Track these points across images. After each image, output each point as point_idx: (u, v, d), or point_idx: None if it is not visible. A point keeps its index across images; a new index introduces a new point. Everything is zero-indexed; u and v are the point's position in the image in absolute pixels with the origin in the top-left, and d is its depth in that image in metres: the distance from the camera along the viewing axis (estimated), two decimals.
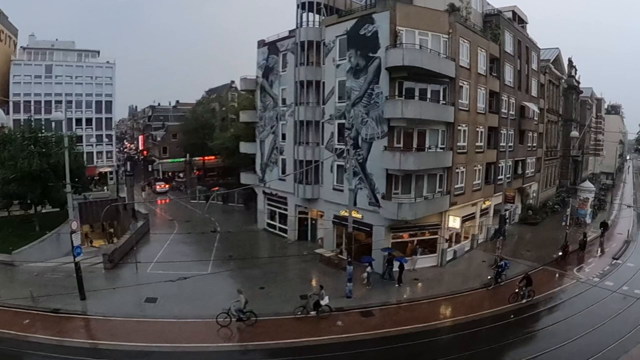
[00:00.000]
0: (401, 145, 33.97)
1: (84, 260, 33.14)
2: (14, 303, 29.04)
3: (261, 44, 48.41)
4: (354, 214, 33.20)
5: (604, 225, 47.16)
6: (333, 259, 36.82)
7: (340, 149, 36.80)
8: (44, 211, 50.82)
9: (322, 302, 27.04)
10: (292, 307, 27.93)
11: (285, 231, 46.73)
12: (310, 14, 41.33)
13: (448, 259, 37.50)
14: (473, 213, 40.99)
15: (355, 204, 34.32)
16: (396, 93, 33.50)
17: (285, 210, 46.52)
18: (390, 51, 32.26)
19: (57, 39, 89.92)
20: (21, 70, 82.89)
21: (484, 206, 42.75)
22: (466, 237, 41.20)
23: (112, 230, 53.22)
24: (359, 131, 36.06)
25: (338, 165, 38.58)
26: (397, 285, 32.38)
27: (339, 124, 38.52)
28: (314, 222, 44.42)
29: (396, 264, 33.13)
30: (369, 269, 32.88)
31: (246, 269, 35.10)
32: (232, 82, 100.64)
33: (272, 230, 49.14)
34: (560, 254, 38.17)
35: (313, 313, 27.30)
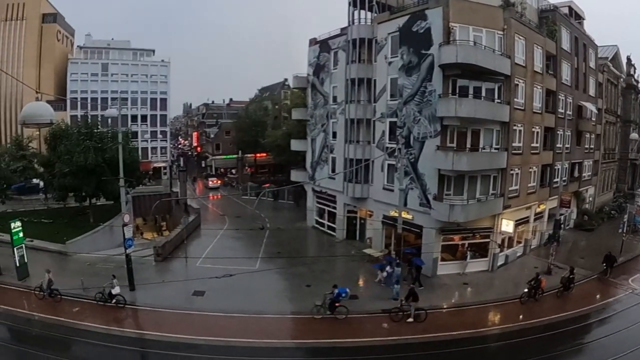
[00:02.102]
0: (454, 144, 33.01)
1: (135, 252, 34.11)
2: (65, 291, 30.05)
3: (313, 42, 48.37)
4: (404, 215, 32.64)
5: None
6: (381, 260, 36.19)
7: (392, 147, 36.19)
8: (98, 204, 52.77)
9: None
10: None
11: (333, 230, 46.40)
12: (362, 12, 40.92)
13: (499, 264, 36.16)
14: (527, 217, 39.36)
15: (405, 204, 33.72)
16: (450, 91, 32.52)
17: (334, 208, 46.19)
18: (443, 48, 31.46)
19: (112, 38, 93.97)
20: (78, 69, 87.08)
21: (538, 210, 40.96)
22: (519, 242, 39.51)
23: (164, 223, 54.55)
24: (411, 130, 35.29)
25: (389, 165, 37.98)
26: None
27: (390, 122, 37.85)
28: (362, 221, 43.78)
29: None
30: (388, 268, 32.10)
31: (293, 267, 34.96)
32: (285, 80, 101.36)
33: (320, 228, 48.93)
34: (604, 264, 34.97)
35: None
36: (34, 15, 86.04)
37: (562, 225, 44.94)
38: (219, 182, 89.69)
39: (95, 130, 50.80)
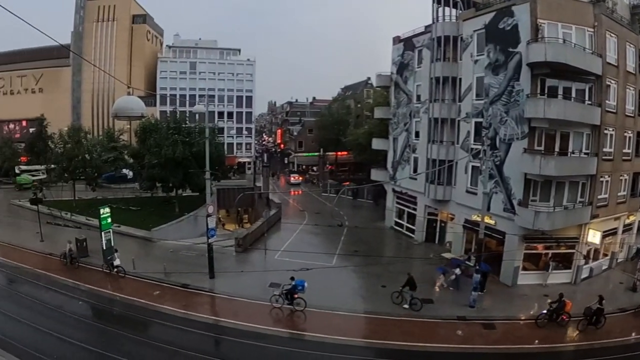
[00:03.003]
0: (542, 148, 31.11)
1: (217, 242, 35.46)
2: (148, 275, 32.41)
3: (396, 40, 47.79)
4: (487, 220, 31.40)
5: None
6: (447, 264, 34.79)
7: (477, 149, 35.12)
8: (183, 194, 55.53)
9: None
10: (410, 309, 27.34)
11: (412, 231, 45.53)
12: (447, 9, 39.90)
13: (583, 276, 33.65)
14: (615, 228, 36.38)
15: (488, 209, 32.18)
16: (538, 91, 30.83)
17: (414, 210, 45.30)
18: (531, 46, 29.99)
19: (200, 38, 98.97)
20: (167, 67, 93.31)
21: (627, 221, 37.72)
22: (605, 255, 36.57)
23: (246, 216, 56.12)
24: (497, 131, 33.87)
25: (473, 167, 36.71)
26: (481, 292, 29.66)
27: (475, 122, 36.58)
28: (443, 224, 42.64)
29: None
30: (457, 270, 31.23)
31: (370, 266, 34.60)
32: (368, 78, 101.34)
33: (399, 229, 48.20)
34: None
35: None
36: (124, 16, 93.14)
37: None
38: (300, 178, 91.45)
39: (184, 125, 53.37)
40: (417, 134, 44.28)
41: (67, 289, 31.25)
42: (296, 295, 27.36)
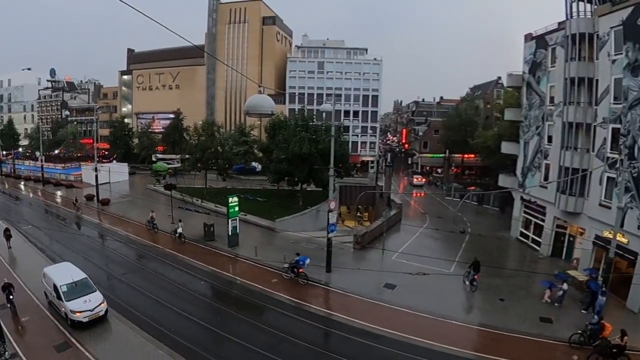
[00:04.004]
0: None
1: (336, 237, 36.30)
2: (268, 263, 34.48)
3: (528, 37, 45.14)
4: (619, 238, 27.90)
5: None
6: (584, 285, 31.22)
7: (613, 158, 31.89)
8: (307, 189, 58.14)
9: None
10: (529, 327, 25.50)
11: (538, 244, 42.40)
12: (581, 4, 36.66)
13: None
14: None
15: (622, 225, 28.53)
16: None
17: (542, 221, 42.21)
18: None
19: (327, 38, 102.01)
20: (296, 66, 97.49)
21: None
22: None
23: (366, 214, 56.70)
24: (635, 139, 30.22)
25: (608, 178, 33.19)
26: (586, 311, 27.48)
27: (613, 128, 33.14)
28: (571, 239, 39.06)
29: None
30: (564, 285, 28.83)
31: (489, 277, 32.76)
32: (499, 78, 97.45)
33: (524, 240, 45.20)
34: None
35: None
36: (255, 18, 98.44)
37: None
38: (424, 180, 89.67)
39: (310, 123, 55.40)
40: (549, 139, 41.27)
41: (191, 268, 34.27)
42: (300, 270, 31.23)
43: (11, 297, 25.39)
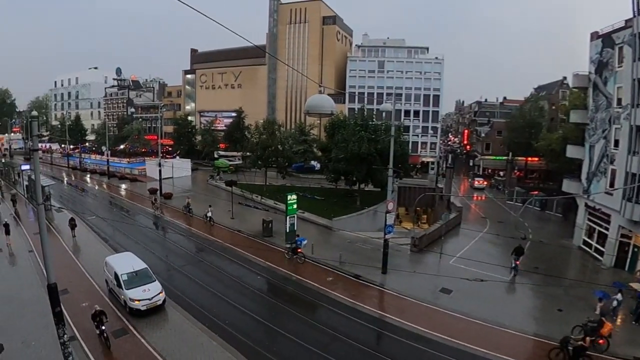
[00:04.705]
0: None
1: (393, 238, 36.25)
2: (324, 261, 34.86)
3: (594, 36, 43.12)
4: None
5: None
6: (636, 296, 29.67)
7: None
8: (365, 189, 58.49)
9: None
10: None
11: (601, 253, 40.47)
12: None
13: None
14: None
15: None
16: None
17: (606, 229, 40.23)
18: None
19: (388, 37, 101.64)
20: (356, 66, 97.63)
21: None
22: None
23: (425, 216, 56.35)
24: None
25: None
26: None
27: None
28: (636, 249, 37.16)
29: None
30: (619, 295, 27.39)
31: (549, 286, 32.07)
32: (564, 78, 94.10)
33: (587, 249, 43.30)
34: None
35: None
36: (315, 18, 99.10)
37: None
38: (485, 183, 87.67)
39: (370, 123, 55.62)
40: (616, 143, 39.36)
41: (249, 263, 35.14)
42: (299, 250, 35.02)
43: (102, 327, 21.58)
